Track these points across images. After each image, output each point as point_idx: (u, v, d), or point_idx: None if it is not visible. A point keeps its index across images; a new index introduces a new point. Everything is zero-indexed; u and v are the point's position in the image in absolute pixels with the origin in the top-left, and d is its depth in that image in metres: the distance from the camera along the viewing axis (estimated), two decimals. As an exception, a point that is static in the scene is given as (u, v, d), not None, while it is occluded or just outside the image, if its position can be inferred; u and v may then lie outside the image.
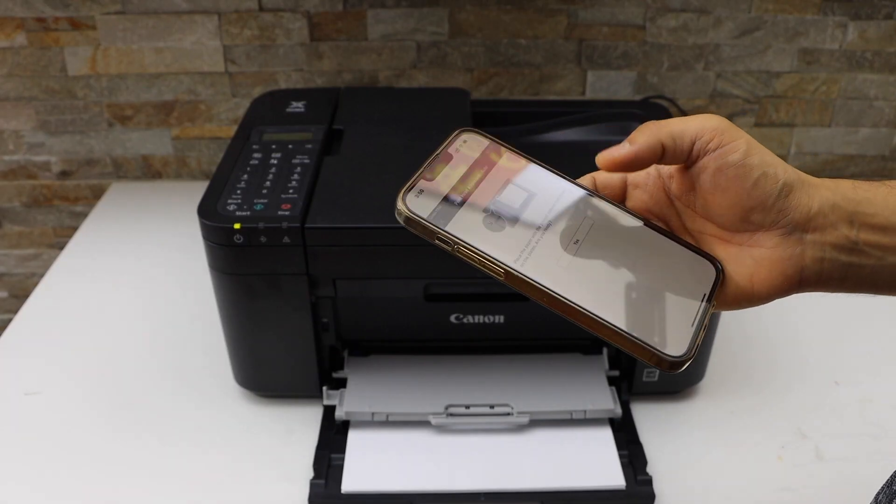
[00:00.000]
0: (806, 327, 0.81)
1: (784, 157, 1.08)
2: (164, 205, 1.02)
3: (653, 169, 0.42)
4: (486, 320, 0.67)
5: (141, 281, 0.88)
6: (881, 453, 0.66)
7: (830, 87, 1.03)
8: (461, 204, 0.39)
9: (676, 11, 0.98)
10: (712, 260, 0.40)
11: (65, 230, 1.12)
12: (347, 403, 0.66)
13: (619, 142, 0.41)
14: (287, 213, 0.60)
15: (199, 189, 0.66)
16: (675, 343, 0.36)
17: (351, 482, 0.62)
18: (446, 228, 0.38)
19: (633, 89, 1.03)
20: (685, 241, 0.41)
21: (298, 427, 0.68)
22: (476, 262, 0.37)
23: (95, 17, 0.97)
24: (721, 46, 1.00)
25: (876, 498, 0.45)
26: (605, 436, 0.66)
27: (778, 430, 0.69)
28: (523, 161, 0.41)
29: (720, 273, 0.39)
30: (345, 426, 0.66)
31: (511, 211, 0.39)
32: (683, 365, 0.36)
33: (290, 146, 0.69)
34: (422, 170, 0.40)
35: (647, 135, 0.39)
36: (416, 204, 0.38)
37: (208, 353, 0.76)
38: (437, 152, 0.41)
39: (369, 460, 0.64)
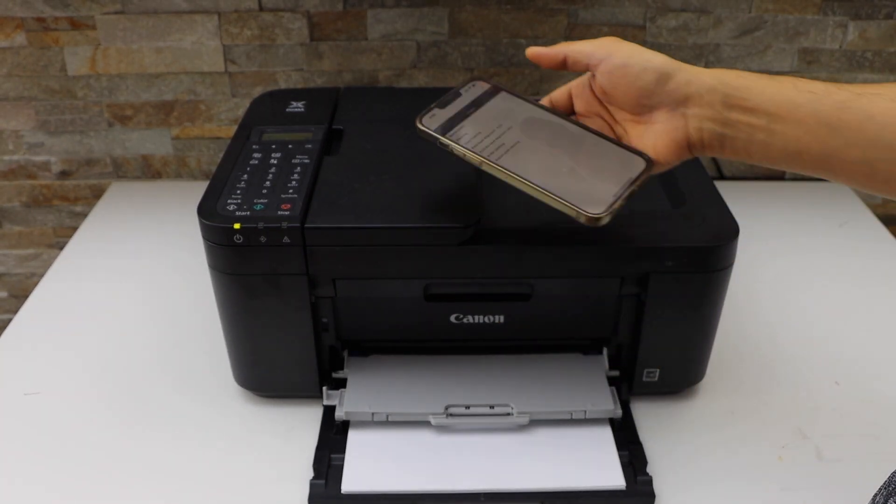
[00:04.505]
0: (806, 327, 0.81)
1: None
2: (163, 205, 1.02)
3: (586, 80, 0.57)
4: (486, 320, 0.67)
5: (141, 281, 0.88)
6: (882, 454, 0.66)
7: (831, 86, 1.03)
8: (459, 121, 0.56)
9: (676, 11, 0.98)
10: (642, 155, 0.53)
11: (64, 230, 1.12)
12: (347, 403, 0.66)
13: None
14: (287, 213, 0.60)
15: (198, 189, 0.66)
16: (595, 205, 0.50)
17: (351, 482, 0.62)
18: (447, 136, 0.54)
19: (633, 89, 1.03)
20: (622, 142, 0.55)
21: (298, 427, 0.68)
22: (465, 155, 0.54)
23: (95, 17, 0.97)
24: (721, 46, 1.00)
25: (873, 498, 0.45)
26: (605, 436, 0.66)
27: (778, 431, 0.69)
28: (510, 96, 0.58)
29: (650, 164, 0.53)
30: (345, 426, 0.66)
31: (492, 124, 0.56)
32: (599, 221, 0.50)
33: (289, 146, 0.69)
34: (438, 101, 0.57)
35: (559, 47, 0.55)
36: (428, 122, 0.55)
37: (208, 352, 0.76)
38: (451, 90, 0.58)
39: (369, 460, 0.64)
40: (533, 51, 0.56)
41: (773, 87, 0.49)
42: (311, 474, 0.63)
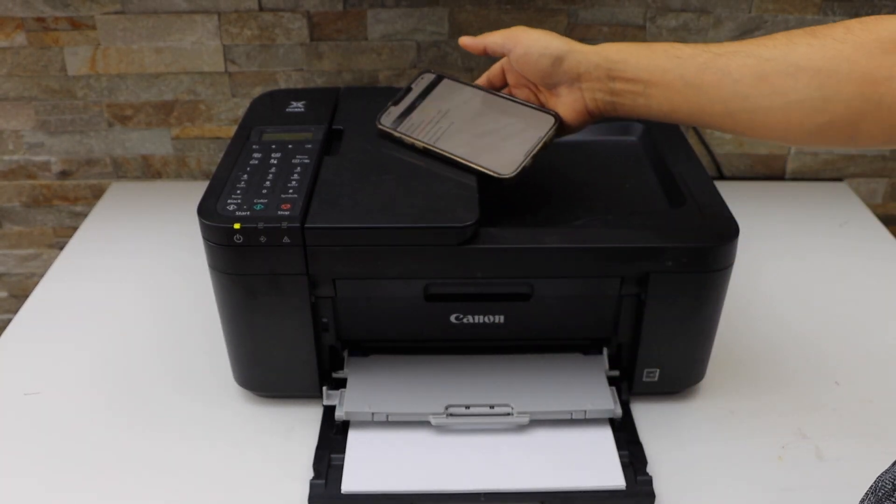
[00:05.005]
0: (806, 327, 0.81)
1: (784, 157, 1.08)
2: (163, 205, 1.02)
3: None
4: (486, 320, 0.67)
5: (141, 281, 0.88)
6: (882, 454, 0.66)
7: (831, 86, 1.03)
8: (409, 114, 0.69)
9: (676, 11, 0.98)
10: (551, 113, 0.64)
11: (64, 230, 1.12)
12: (347, 403, 0.66)
13: (619, 141, 0.73)
14: (287, 213, 0.60)
15: (198, 189, 0.66)
16: (509, 166, 0.63)
17: (351, 482, 0.62)
18: (398, 130, 0.68)
19: (633, 89, 1.03)
20: (536, 105, 0.66)
21: (298, 427, 0.68)
22: (413, 144, 0.67)
23: (95, 17, 0.97)
24: (721, 46, 1.00)
25: (861, 503, 0.45)
26: (606, 436, 0.66)
27: (778, 431, 0.69)
28: (451, 82, 0.71)
29: (556, 120, 0.64)
30: (345, 426, 0.66)
31: (433, 112, 0.69)
32: (511, 180, 0.62)
33: (289, 146, 0.69)
34: (393, 99, 0.71)
35: (481, 38, 0.66)
36: (385, 120, 0.69)
37: (208, 352, 0.76)
38: (404, 87, 0.71)
39: (369, 460, 0.64)
40: (462, 40, 0.67)
41: (647, 57, 0.56)
42: (311, 474, 0.63)
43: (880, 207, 1.12)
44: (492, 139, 0.65)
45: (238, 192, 0.63)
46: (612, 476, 0.62)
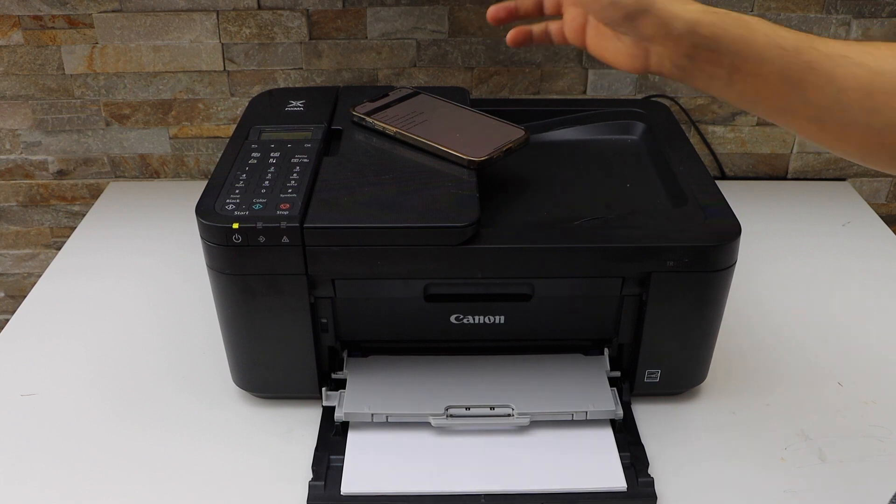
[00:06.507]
0: (809, 328, 0.81)
1: (787, 156, 1.07)
2: (161, 204, 1.02)
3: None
4: (487, 321, 0.66)
5: (139, 281, 0.87)
6: (884, 455, 0.66)
7: (832, 85, 1.02)
8: (383, 109, 0.73)
9: (678, 10, 0.97)
10: (523, 129, 0.69)
11: (62, 230, 1.11)
12: (347, 404, 0.66)
13: (620, 140, 0.71)
14: (286, 212, 0.60)
15: (197, 188, 0.65)
16: (477, 154, 0.65)
17: (350, 484, 0.61)
18: (371, 117, 0.71)
19: (634, 88, 1.03)
20: (508, 121, 0.71)
21: (297, 428, 0.68)
22: (384, 129, 0.70)
23: (93, 16, 0.96)
24: (722, 45, 1.00)
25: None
26: (607, 437, 0.65)
27: (780, 432, 0.68)
28: (427, 96, 0.76)
29: (526, 136, 0.69)
30: (344, 427, 0.66)
31: (407, 111, 0.73)
32: (478, 165, 0.65)
33: (288, 145, 0.69)
34: (369, 96, 0.75)
35: None
36: (359, 109, 0.73)
37: (207, 353, 0.76)
38: (380, 93, 0.76)
39: (369, 462, 0.63)
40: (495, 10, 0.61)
41: (744, 40, 0.49)
42: (310, 476, 0.62)
43: (883, 207, 1.12)
44: (462, 134, 0.69)
45: (237, 191, 0.62)
46: (613, 477, 0.62)
